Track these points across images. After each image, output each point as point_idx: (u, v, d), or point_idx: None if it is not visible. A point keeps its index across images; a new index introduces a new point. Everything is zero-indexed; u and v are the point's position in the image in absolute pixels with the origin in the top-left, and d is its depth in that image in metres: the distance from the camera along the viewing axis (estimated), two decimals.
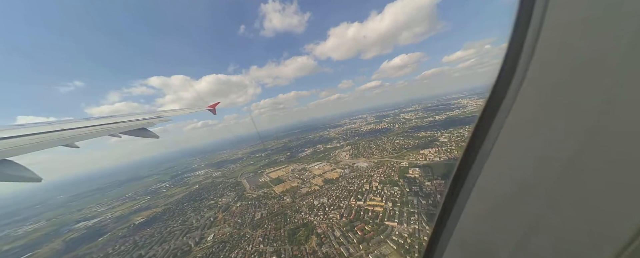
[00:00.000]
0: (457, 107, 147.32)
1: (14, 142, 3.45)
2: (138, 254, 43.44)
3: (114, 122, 5.99)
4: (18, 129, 4.14)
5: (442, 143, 69.54)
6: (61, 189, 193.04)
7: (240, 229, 44.46)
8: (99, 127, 5.28)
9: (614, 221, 0.64)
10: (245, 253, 35.80)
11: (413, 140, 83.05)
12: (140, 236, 51.79)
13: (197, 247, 41.45)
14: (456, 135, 73.57)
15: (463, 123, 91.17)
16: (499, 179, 0.90)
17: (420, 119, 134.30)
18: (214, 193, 74.85)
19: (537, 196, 0.79)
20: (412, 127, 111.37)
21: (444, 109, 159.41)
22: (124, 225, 62.40)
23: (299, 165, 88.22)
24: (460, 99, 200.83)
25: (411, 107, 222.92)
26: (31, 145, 3.42)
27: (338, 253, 30.62)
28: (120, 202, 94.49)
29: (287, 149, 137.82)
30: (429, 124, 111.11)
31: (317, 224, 38.92)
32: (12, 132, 3.82)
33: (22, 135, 3.74)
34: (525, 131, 0.80)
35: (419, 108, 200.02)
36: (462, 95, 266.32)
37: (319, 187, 57.85)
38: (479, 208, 0.99)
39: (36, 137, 3.82)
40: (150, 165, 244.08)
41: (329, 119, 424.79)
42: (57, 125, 4.83)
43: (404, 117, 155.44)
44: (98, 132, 4.96)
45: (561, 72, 0.68)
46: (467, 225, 1.06)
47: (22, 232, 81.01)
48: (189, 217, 57.31)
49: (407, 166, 57.10)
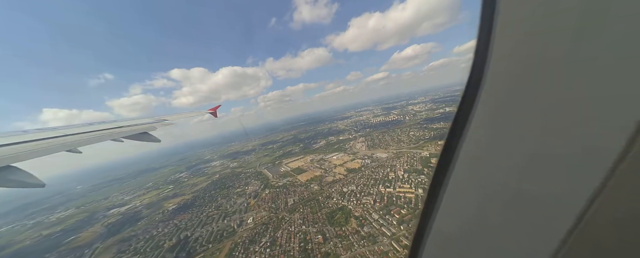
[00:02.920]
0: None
1: (18, 148, 3.48)
2: (184, 235, 47.06)
3: (116, 127, 6.06)
4: (21, 134, 4.18)
5: None
6: (77, 180, 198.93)
7: (277, 213, 47.73)
8: (102, 132, 5.31)
9: (564, 215, 0.65)
10: (290, 233, 39.09)
11: (428, 132, 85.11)
12: (179, 220, 55.43)
13: (239, 228, 44.88)
14: None
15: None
16: (468, 178, 0.93)
17: (431, 110, 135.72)
18: (238, 182, 78.25)
19: (500, 194, 0.81)
20: (424, 119, 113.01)
21: (452, 100, 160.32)
22: (158, 211, 66.19)
23: (317, 155, 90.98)
24: None
25: (418, 99, 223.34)
26: (34, 151, 3.47)
27: (381, 233, 33.66)
28: (144, 191, 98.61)
29: (298, 141, 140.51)
30: (441, 115, 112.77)
31: (353, 208, 41.91)
32: (15, 138, 3.87)
33: (26, 141, 3.78)
34: (488, 131, 0.82)
35: (426, 99, 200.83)
36: None
37: (343, 175, 60.71)
38: (454, 207, 1.03)
39: (39, 143, 3.87)
40: (160, 157, 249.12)
41: (333, 111, 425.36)
42: (60, 130, 4.87)
43: (413, 109, 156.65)
44: (100, 137, 4.98)
45: (515, 71, 0.70)
46: (443, 223, 1.10)
47: (55, 219, 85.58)
48: (221, 203, 60.80)
49: (429, 156, 59.52)
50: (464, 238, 1.01)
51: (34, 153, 3.39)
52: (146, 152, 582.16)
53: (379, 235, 33.19)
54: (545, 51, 0.61)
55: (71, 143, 4.23)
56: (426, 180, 45.46)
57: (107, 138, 5.12)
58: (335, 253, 31.90)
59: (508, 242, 0.84)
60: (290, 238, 37.67)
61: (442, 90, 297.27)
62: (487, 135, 0.83)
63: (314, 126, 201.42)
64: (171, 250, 42.58)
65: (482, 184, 0.87)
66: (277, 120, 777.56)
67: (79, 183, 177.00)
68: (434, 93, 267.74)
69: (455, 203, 1.02)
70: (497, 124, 0.79)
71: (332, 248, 32.77)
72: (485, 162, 0.85)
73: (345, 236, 34.73)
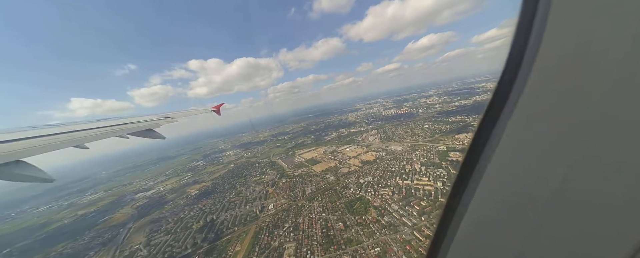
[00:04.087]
0: (484, 92, 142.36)
1: (28, 143, 3.54)
2: (210, 218, 50.25)
3: (121, 123, 6.11)
4: (31, 130, 4.27)
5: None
6: (100, 166, 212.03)
7: (296, 201, 49.71)
8: (108, 129, 5.41)
9: (622, 226, 0.62)
10: (311, 219, 40.92)
11: (444, 125, 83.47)
12: (203, 205, 58.92)
13: (262, 213, 47.34)
14: None
15: None
16: (503, 181, 0.89)
17: (445, 103, 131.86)
18: (254, 171, 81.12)
19: (542, 199, 0.78)
20: (439, 112, 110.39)
21: (468, 93, 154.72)
22: (182, 196, 70.38)
23: (329, 147, 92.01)
24: (485, 83, 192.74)
25: (430, 91, 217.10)
26: (43, 146, 3.54)
27: (401, 222, 34.63)
28: (165, 178, 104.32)
29: (309, 133, 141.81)
30: (456, 108, 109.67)
31: (371, 199, 42.94)
32: (25, 134, 3.93)
33: (35, 137, 3.86)
34: (529, 132, 0.78)
35: (440, 92, 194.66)
36: (485, 78, 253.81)
37: (358, 167, 61.56)
38: (483, 210, 0.98)
39: (48, 139, 3.94)
40: (175, 146, 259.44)
41: (341, 103, 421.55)
42: (68, 126, 4.98)
43: (426, 102, 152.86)
44: (106, 134, 5.08)
45: (566, 72, 0.66)
46: (470, 227, 1.06)
47: (87, 201, 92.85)
48: (241, 190, 63.73)
49: (446, 150, 58.96)
50: (498, 240, 0.95)
51: (43, 149, 3.46)
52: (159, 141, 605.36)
53: (400, 225, 34.18)
54: (601, 55, 0.58)
55: (78, 139, 4.34)
56: (447, 175, 45.51)
57: (113, 134, 5.25)
58: (357, 239, 33.34)
59: (554, 248, 0.80)
60: (312, 224, 39.47)
61: (457, 82, 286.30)
62: (534, 132, 0.77)
63: (324, 118, 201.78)
64: (200, 231, 45.79)
65: (526, 184, 0.81)
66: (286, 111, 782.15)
67: (102, 169, 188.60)
68: (448, 85, 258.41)
69: (488, 203, 0.96)
70: (546, 121, 0.74)
71: (354, 235, 34.22)
72: (530, 161, 0.80)
73: (365, 224, 36.00)
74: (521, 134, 0.81)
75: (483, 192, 0.97)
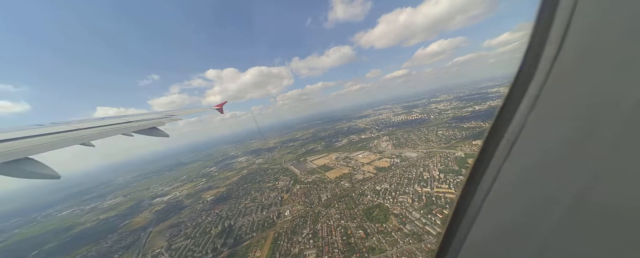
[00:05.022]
0: (498, 97, 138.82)
1: (35, 141, 3.56)
2: (227, 223, 50.86)
3: (126, 122, 6.13)
4: (38, 128, 4.29)
5: None
6: (117, 172, 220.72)
7: (312, 207, 49.56)
8: (113, 127, 5.42)
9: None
10: (329, 226, 40.57)
11: (459, 131, 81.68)
12: (219, 210, 59.81)
13: (278, 219, 47.44)
14: None
15: None
16: (518, 183, 0.85)
17: (457, 109, 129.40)
18: (267, 177, 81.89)
19: (560, 205, 0.74)
20: (452, 118, 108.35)
21: (481, 98, 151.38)
22: (198, 201, 71.81)
23: (341, 153, 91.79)
24: (498, 88, 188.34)
25: (440, 97, 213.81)
26: (51, 143, 3.57)
27: (425, 231, 33.72)
28: (180, 183, 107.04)
29: (319, 139, 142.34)
30: (470, 114, 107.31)
31: (390, 206, 42.20)
32: (32, 132, 3.96)
33: (43, 134, 3.89)
34: (548, 136, 0.75)
35: (451, 97, 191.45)
36: (497, 82, 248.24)
37: (373, 174, 60.91)
38: (496, 213, 0.94)
39: (55, 136, 3.97)
40: (187, 153, 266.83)
41: (349, 109, 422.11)
42: (74, 124, 5.02)
43: (437, 107, 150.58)
44: (112, 131, 5.10)
45: (586, 72, 0.64)
46: (483, 229, 1.00)
47: (107, 206, 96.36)
48: (255, 196, 64.35)
49: (464, 156, 57.46)
50: (512, 246, 0.92)
51: (51, 146, 3.49)
52: (173, 148, 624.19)
53: (423, 234, 33.27)
54: (624, 57, 0.56)
55: (84, 137, 4.35)
56: (460, 183, 44.18)
57: (118, 132, 5.23)
58: (379, 248, 32.66)
59: (572, 256, 0.76)
60: (331, 231, 39.10)
61: (468, 87, 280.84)
62: (553, 136, 0.74)
63: (332, 124, 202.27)
64: (219, 236, 46.35)
65: (543, 188, 0.79)
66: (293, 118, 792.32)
67: (117, 175, 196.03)
68: (459, 90, 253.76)
69: (502, 207, 0.92)
70: (565, 125, 0.70)
71: (376, 244, 33.54)
72: (548, 166, 0.76)
73: (387, 233, 35.29)
74: (539, 138, 0.78)
75: (497, 196, 0.93)
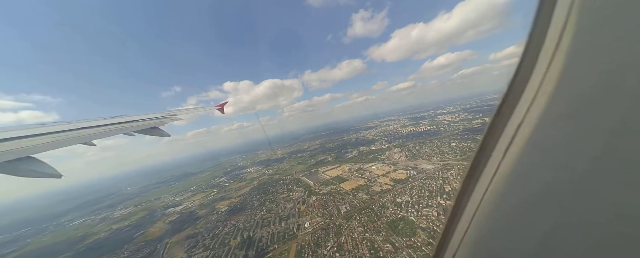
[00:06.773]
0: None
1: (37, 140, 3.56)
2: (246, 234, 50.28)
3: (127, 121, 6.11)
4: (40, 127, 4.30)
5: None
6: (126, 181, 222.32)
7: (332, 219, 48.91)
8: (114, 126, 5.41)
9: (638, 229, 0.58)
10: (354, 239, 39.82)
11: (474, 143, 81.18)
12: (236, 221, 59.34)
13: (299, 231, 46.79)
14: None
15: None
16: (515, 180, 0.86)
17: (466, 120, 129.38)
18: (280, 188, 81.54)
19: (555, 200, 0.75)
20: (463, 130, 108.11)
21: (489, 109, 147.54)
22: (212, 212, 71.47)
23: (353, 165, 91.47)
24: None
25: (446, 108, 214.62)
26: (53, 143, 3.58)
27: None
28: (191, 193, 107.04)
29: (328, 150, 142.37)
30: (481, 126, 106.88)
31: (415, 220, 41.46)
32: (34, 131, 3.95)
33: (45, 133, 3.88)
34: (544, 132, 0.76)
35: (457, 109, 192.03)
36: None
37: (390, 186, 60.31)
38: (494, 210, 0.95)
39: (57, 136, 3.97)
40: (195, 163, 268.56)
41: (354, 120, 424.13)
42: (76, 124, 5.01)
43: (445, 119, 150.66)
44: (113, 131, 5.10)
45: (584, 72, 0.64)
46: (481, 226, 1.02)
47: (119, 215, 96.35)
48: (271, 207, 63.88)
49: None
50: (509, 242, 0.94)
51: (53, 145, 3.51)
52: (180, 157, 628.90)
53: None
54: (620, 58, 0.56)
55: (86, 136, 4.35)
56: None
57: (120, 132, 5.25)
58: None
59: (569, 253, 0.76)
60: (357, 245, 38.33)
61: (474, 99, 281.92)
62: (550, 134, 0.74)
63: (339, 135, 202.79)
64: (239, 247, 45.72)
65: (540, 186, 0.79)
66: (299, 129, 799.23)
67: (128, 184, 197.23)
68: (465, 102, 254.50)
69: (500, 204, 0.94)
70: (562, 123, 0.70)
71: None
72: (546, 164, 0.76)
73: (417, 247, 34.46)
74: (537, 136, 0.78)
75: (495, 193, 0.95)
